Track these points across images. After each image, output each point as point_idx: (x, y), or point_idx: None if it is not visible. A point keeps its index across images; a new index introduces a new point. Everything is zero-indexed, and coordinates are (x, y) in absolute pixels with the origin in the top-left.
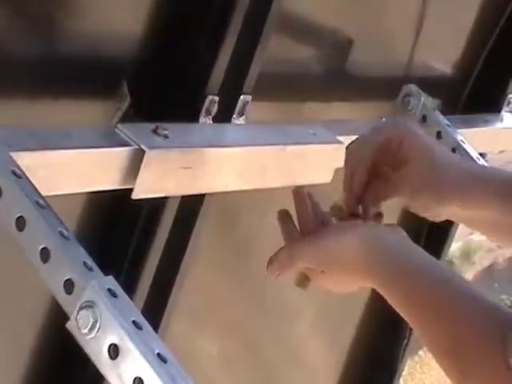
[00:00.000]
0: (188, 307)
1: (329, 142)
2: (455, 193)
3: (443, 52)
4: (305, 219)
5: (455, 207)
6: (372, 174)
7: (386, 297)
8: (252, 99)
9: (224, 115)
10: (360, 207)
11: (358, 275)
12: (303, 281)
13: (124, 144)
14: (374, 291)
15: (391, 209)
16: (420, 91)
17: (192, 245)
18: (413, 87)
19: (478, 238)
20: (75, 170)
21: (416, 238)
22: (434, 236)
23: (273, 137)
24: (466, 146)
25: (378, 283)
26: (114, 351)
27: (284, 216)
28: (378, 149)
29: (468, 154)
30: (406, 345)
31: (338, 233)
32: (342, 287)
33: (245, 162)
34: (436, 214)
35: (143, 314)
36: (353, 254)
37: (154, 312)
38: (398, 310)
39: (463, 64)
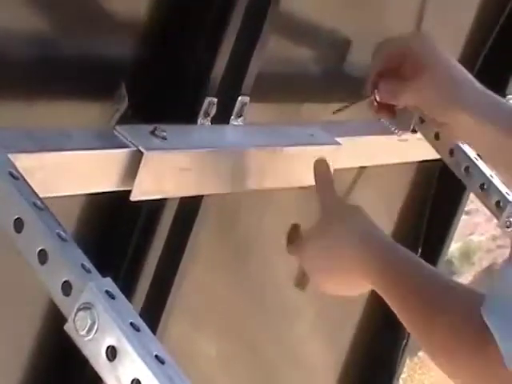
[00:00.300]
0: (187, 308)
1: (327, 143)
2: (466, 103)
3: None
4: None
5: (463, 120)
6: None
7: (374, 281)
8: (250, 100)
9: (222, 116)
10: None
11: (354, 268)
12: (302, 281)
13: (122, 145)
14: (373, 292)
15: (390, 209)
16: None
17: (191, 246)
18: None
19: (477, 238)
20: (73, 171)
21: (415, 238)
22: (433, 236)
23: (271, 138)
24: (465, 147)
25: (370, 274)
26: (112, 353)
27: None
28: (401, 49)
29: (466, 154)
30: (405, 345)
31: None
32: (339, 283)
33: (243, 163)
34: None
35: (141, 316)
36: (350, 249)
37: (153, 313)
38: (387, 296)
39: (462, 64)
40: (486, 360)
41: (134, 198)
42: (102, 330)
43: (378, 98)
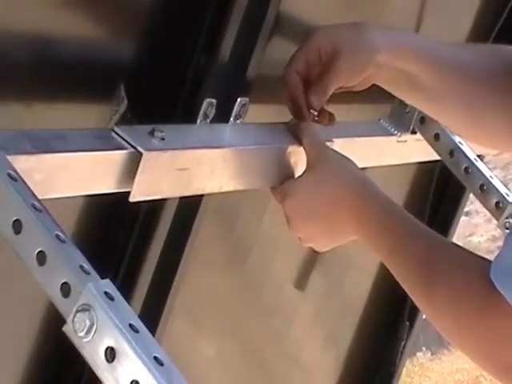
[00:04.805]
0: (186, 309)
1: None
2: (387, 46)
3: None
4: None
5: (390, 64)
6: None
7: (366, 233)
8: (249, 101)
9: (221, 118)
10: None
11: (343, 210)
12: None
13: (120, 147)
14: (373, 293)
15: None
16: None
17: (190, 247)
18: None
19: (477, 239)
20: (72, 173)
21: None
22: None
23: (269, 137)
24: (464, 148)
25: (364, 225)
26: (111, 354)
27: None
28: (308, 56)
29: (466, 156)
30: (405, 346)
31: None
32: (323, 232)
33: (242, 163)
34: (377, 75)
35: (140, 317)
36: (342, 199)
37: (152, 315)
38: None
39: None
40: (494, 319)
41: (133, 199)
42: (101, 332)
43: (316, 109)
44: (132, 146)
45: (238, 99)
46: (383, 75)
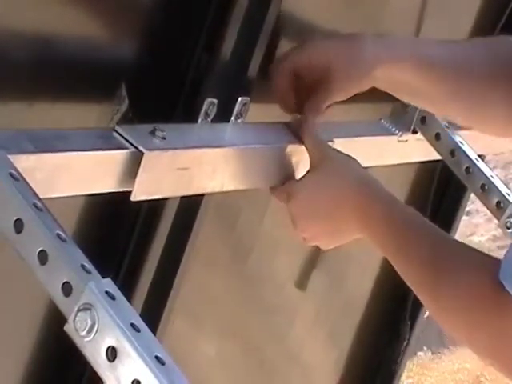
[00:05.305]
0: (187, 309)
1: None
2: (383, 59)
3: None
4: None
5: (387, 76)
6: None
7: (372, 232)
8: (250, 101)
9: (222, 117)
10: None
11: (347, 208)
12: (303, 281)
13: (122, 146)
14: (374, 292)
15: None
16: None
17: (191, 246)
18: None
19: (478, 238)
20: (73, 172)
21: None
22: None
23: (271, 136)
24: (465, 148)
25: (369, 223)
26: (112, 354)
27: None
28: (300, 61)
29: (467, 156)
30: (406, 346)
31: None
32: (329, 232)
33: (243, 162)
34: (372, 80)
35: (141, 316)
36: (347, 197)
37: (153, 314)
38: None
39: None
40: (503, 319)
41: (134, 198)
42: (102, 331)
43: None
44: (133, 146)
45: (239, 98)
46: (381, 85)
